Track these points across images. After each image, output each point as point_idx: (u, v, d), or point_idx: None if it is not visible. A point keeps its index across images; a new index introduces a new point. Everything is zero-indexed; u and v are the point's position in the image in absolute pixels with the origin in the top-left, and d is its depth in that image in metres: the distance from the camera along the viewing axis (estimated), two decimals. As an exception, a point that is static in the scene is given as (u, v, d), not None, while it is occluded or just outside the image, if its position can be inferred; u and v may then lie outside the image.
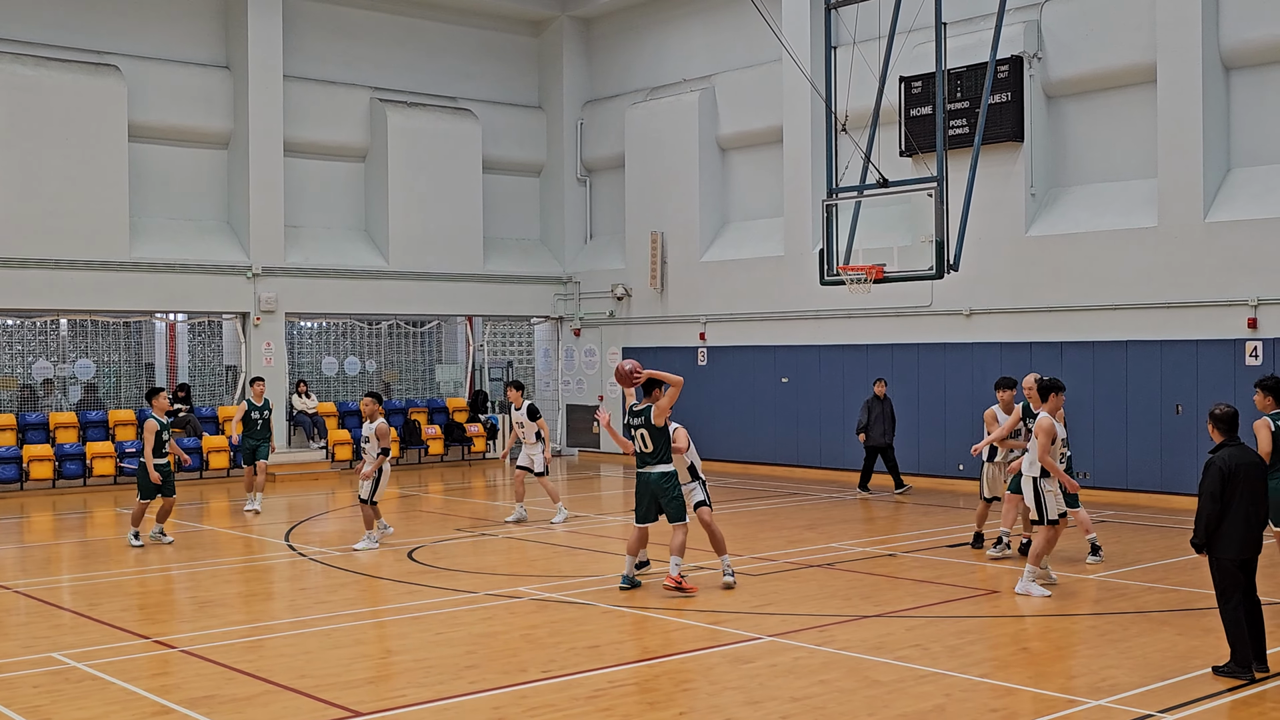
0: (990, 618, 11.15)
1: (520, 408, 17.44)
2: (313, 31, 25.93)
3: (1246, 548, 8.81)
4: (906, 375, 21.89)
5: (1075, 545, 14.40)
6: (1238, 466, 8.80)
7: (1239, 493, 8.78)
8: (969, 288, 20.57)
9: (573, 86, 28.67)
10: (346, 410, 25.84)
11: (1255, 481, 8.84)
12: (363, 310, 26.24)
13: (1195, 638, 10.16)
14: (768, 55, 24.28)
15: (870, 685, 8.89)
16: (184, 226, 24.37)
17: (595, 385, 27.93)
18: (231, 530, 17.64)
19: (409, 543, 15.62)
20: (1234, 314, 18.27)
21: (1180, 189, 18.79)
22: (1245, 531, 8.79)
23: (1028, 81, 20.31)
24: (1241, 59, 18.71)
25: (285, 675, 9.23)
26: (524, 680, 9.05)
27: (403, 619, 11.27)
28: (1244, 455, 8.88)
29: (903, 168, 20.50)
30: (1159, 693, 8.56)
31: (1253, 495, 8.82)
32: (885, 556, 14.41)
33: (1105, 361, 19.57)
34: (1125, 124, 19.96)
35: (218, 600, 12.28)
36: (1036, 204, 20.65)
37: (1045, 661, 9.65)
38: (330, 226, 26.17)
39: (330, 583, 13.26)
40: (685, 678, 9.11)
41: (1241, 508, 8.78)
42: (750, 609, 11.68)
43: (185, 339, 25.74)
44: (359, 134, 26.30)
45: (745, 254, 24.88)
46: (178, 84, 24.24)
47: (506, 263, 27.97)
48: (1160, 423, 18.97)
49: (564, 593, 12.32)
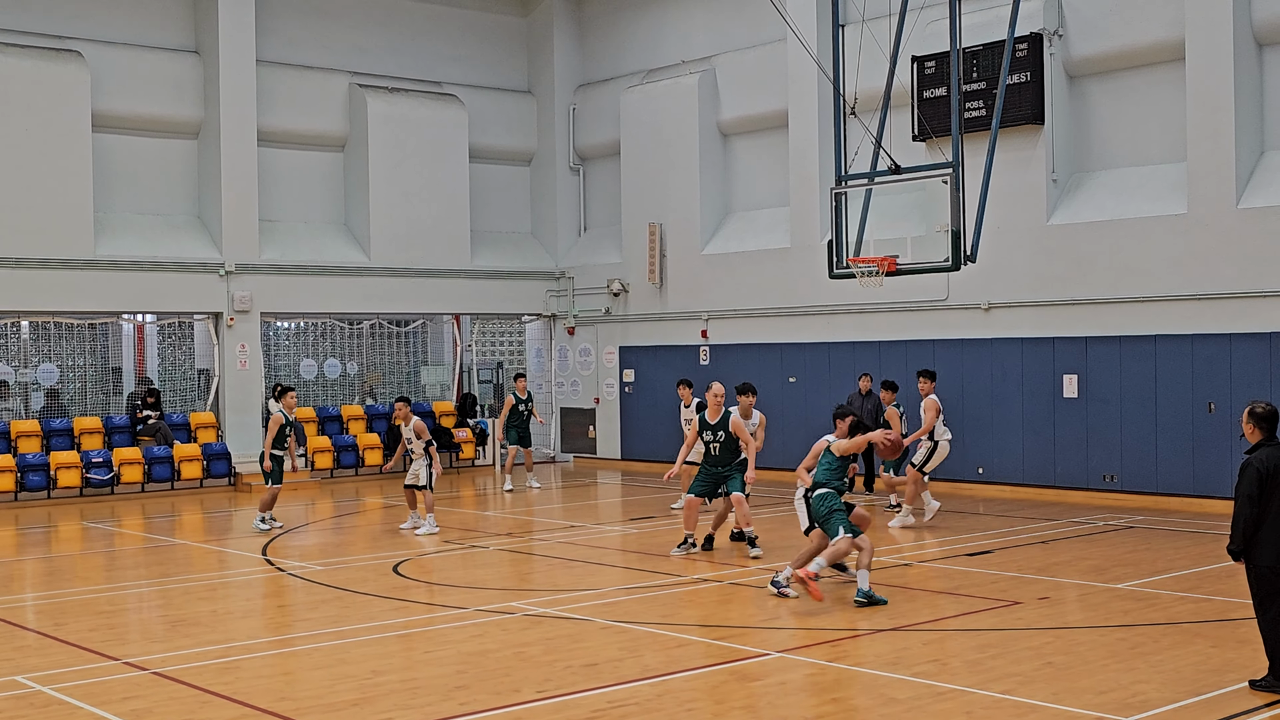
0: (1012, 630, 11.16)
1: (690, 404, 19.07)
2: (287, 13, 25.94)
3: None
4: (922, 373, 21.87)
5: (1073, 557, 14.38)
6: (1276, 468, 8.79)
7: (1278, 495, 8.78)
8: (987, 280, 20.57)
9: (564, 69, 28.68)
10: (327, 415, 25.84)
11: None
12: (343, 309, 26.24)
13: (1230, 650, 10.17)
14: (772, 34, 24.28)
15: (886, 703, 8.90)
16: (152, 222, 24.38)
17: (590, 387, 27.94)
18: (206, 544, 17.64)
19: (394, 556, 15.63)
20: (1270, 306, 18.28)
21: (1211, 173, 18.80)
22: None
23: (1048, 60, 20.32)
24: (1276, 34, 18.71)
25: (264, 698, 9.23)
26: (517, 701, 9.05)
27: (388, 637, 11.28)
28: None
29: (916, 153, 20.50)
30: (1192, 709, 8.57)
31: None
32: (900, 566, 14.41)
33: (1133, 357, 19.59)
34: (1152, 105, 19.97)
35: (191, 619, 12.29)
36: (1058, 190, 20.66)
37: (1071, 676, 9.65)
38: (308, 220, 26.18)
39: (311, 599, 13.27)
40: (689, 697, 9.11)
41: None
42: (757, 623, 11.68)
43: (154, 341, 25.74)
44: (337, 122, 26.30)
45: (749, 246, 24.89)
46: (144, 70, 24.23)
47: (495, 257, 27.97)
48: (1192, 422, 18.98)
49: (559, 608, 12.33)
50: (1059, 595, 12.70)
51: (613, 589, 13.44)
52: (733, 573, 14.15)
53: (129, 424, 23.75)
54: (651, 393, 26.56)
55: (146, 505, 21.75)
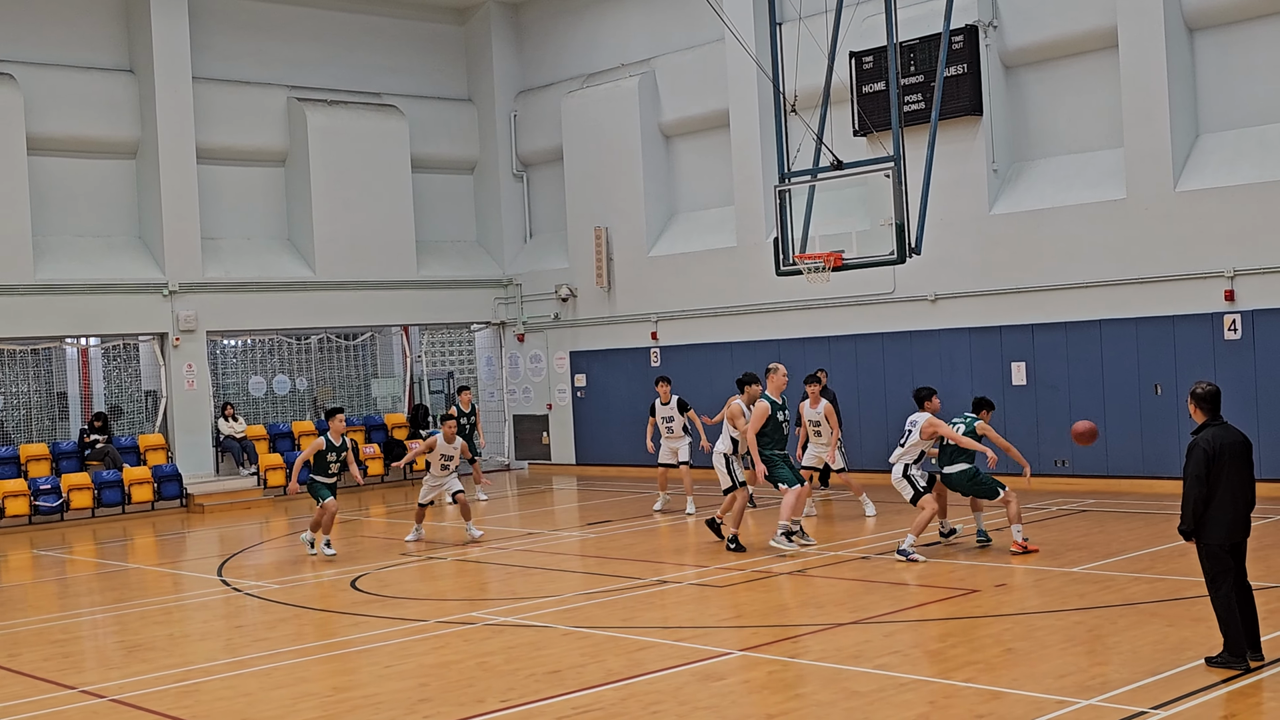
0: (972, 618, 11.23)
1: (668, 402, 19.25)
2: (221, 29, 25.72)
3: (1236, 531, 8.92)
4: (871, 366, 22.02)
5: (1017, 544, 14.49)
6: (1222, 447, 8.90)
7: (1225, 474, 8.88)
8: (933, 271, 20.71)
9: (504, 76, 28.62)
10: (278, 432, 25.64)
11: (1241, 461, 8.94)
12: (290, 325, 26.05)
13: (1186, 628, 10.29)
14: (709, 35, 24.34)
15: (850, 697, 8.93)
16: (92, 244, 24.10)
17: (542, 393, 27.89)
18: (160, 568, 17.46)
19: (352, 570, 15.53)
20: (1210, 287, 18.53)
21: (1148, 158, 19.03)
22: (1233, 515, 8.88)
23: (984, 52, 20.49)
24: (1205, 19, 18.97)
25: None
26: (482, 711, 9.01)
27: (349, 653, 11.20)
28: (1228, 434, 8.97)
29: (857, 148, 20.59)
30: (1151, 688, 8.65)
31: (1240, 476, 8.91)
32: (858, 560, 14.48)
33: (1079, 343, 19.78)
34: (1088, 92, 20.18)
35: (147, 643, 12.15)
36: (999, 180, 20.84)
37: (1031, 661, 9.73)
38: (251, 237, 25.97)
39: (268, 618, 13.16)
40: (654, 700, 9.11)
41: (1228, 490, 8.87)
42: (718, 622, 11.70)
43: (100, 364, 25.47)
44: (277, 136, 26.12)
45: (696, 246, 24.94)
46: (78, 91, 23.97)
47: (442, 267, 27.87)
48: (1139, 404, 19.20)
49: (520, 616, 12.30)
50: (1016, 582, 12.80)
51: (573, 594, 13.42)
52: (691, 573, 14.17)
53: (77, 449, 23.47)
54: (604, 396, 26.56)
55: (98, 530, 21.50)
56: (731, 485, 15.48)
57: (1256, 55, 18.63)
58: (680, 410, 19.37)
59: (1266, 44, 18.53)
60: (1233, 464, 8.90)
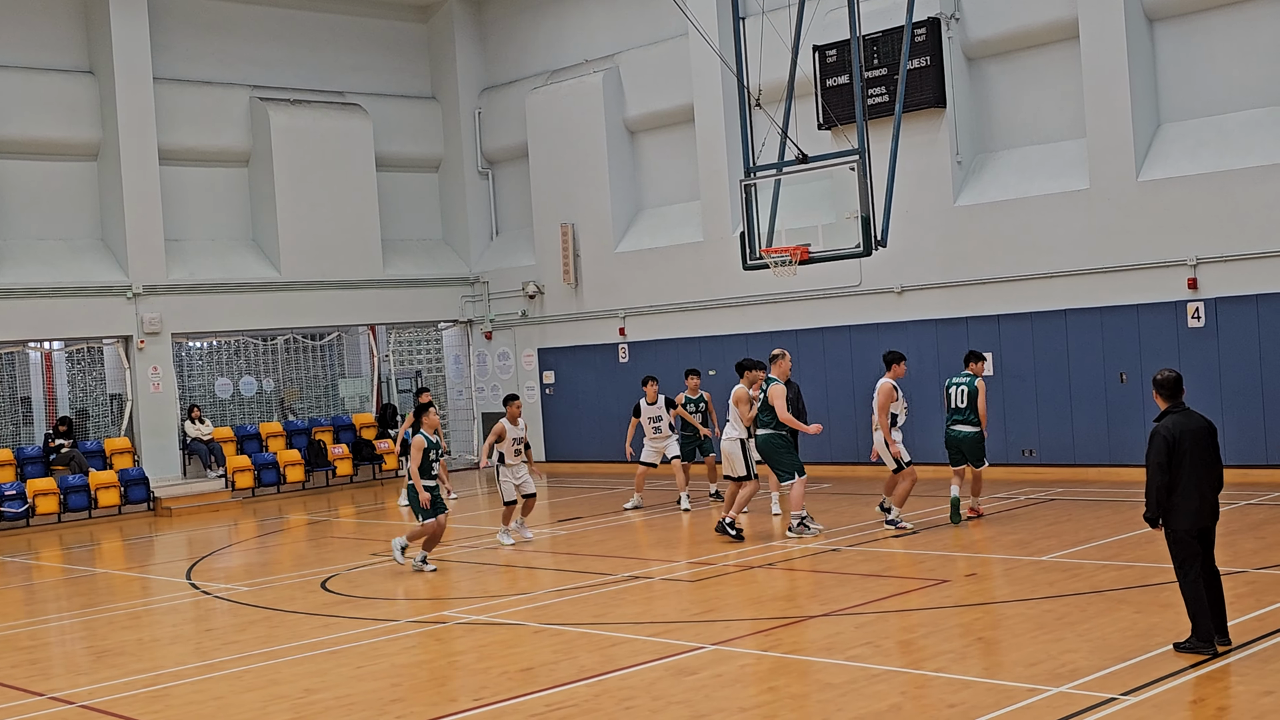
0: (942, 609, 11.28)
1: (655, 401, 19.12)
2: (182, 28, 25.54)
3: (1202, 517, 8.99)
4: (839, 359, 22.08)
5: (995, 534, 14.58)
6: (1183, 433, 8.96)
7: (1188, 461, 8.94)
8: (899, 264, 20.78)
9: (467, 74, 28.54)
10: (245, 434, 25.51)
11: (1205, 447, 9.01)
12: (256, 326, 25.92)
13: (1154, 614, 10.36)
14: (673, 30, 24.35)
15: (822, 689, 8.96)
16: (55, 247, 23.90)
17: (511, 390, 27.82)
18: (128, 572, 17.34)
19: (322, 572, 15.47)
20: (1173, 275, 18.66)
21: (1110, 148, 19.15)
22: (1199, 500, 8.96)
23: (946, 44, 20.57)
24: (1164, 9, 19.10)
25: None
26: (455, 710, 9.00)
27: (320, 654, 11.15)
28: (1190, 421, 9.03)
29: (822, 141, 20.65)
30: (1121, 674, 8.71)
31: (1204, 461, 8.98)
32: (829, 552, 14.52)
33: (1044, 333, 19.89)
34: (1050, 84, 20.29)
35: (116, 648, 12.07)
36: (964, 172, 20.93)
37: (1002, 650, 9.79)
38: (215, 238, 25.82)
39: (238, 621, 13.09)
40: (627, 695, 9.11)
41: (1193, 476, 8.94)
42: (690, 617, 11.71)
43: (64, 368, 25.26)
44: (240, 137, 25.97)
45: (662, 242, 24.95)
46: (37, 93, 23.75)
47: (408, 266, 27.78)
48: (1105, 393, 19.33)
49: (491, 614, 12.28)
50: (985, 571, 12.87)
51: (544, 592, 13.42)
52: (662, 569, 14.17)
53: (42, 454, 23.28)
54: (572, 393, 26.54)
55: (64, 536, 21.34)
56: (745, 474, 15.58)
57: (1216, 45, 18.78)
58: (667, 408, 19.21)
59: (1225, 34, 18.68)
60: (1196, 450, 8.96)
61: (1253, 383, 18.01)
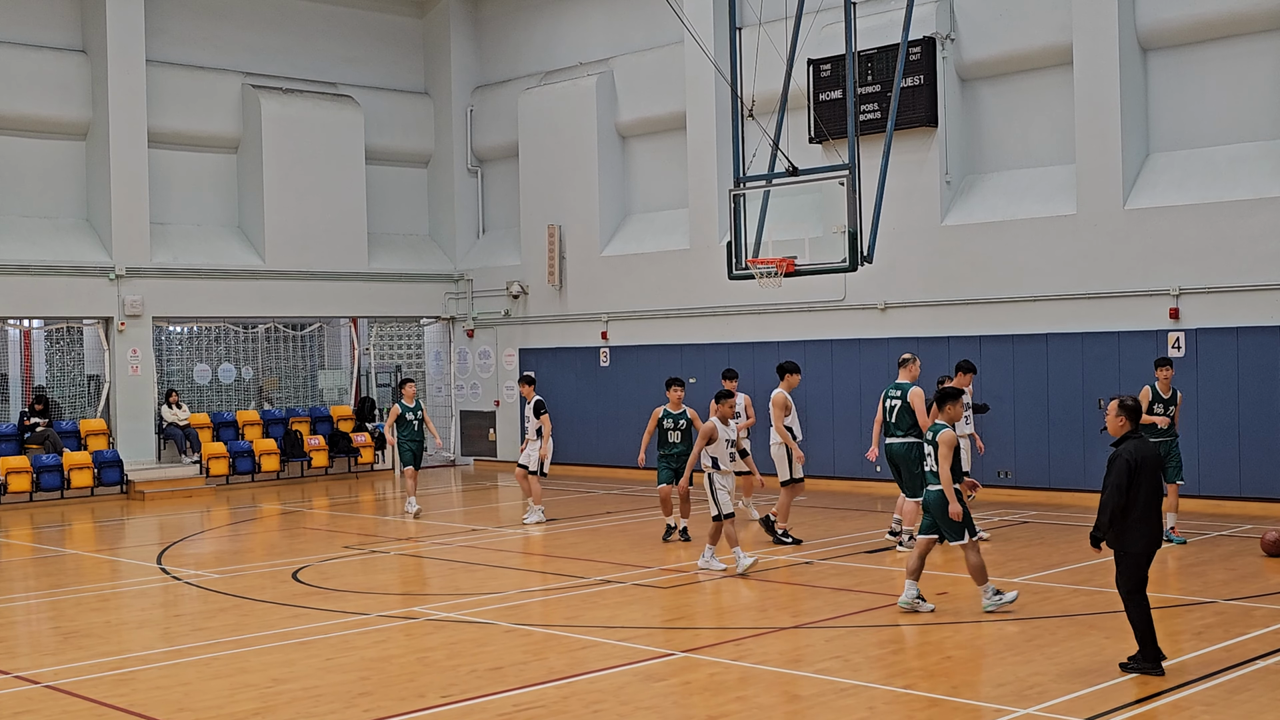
0: (913, 626, 11.31)
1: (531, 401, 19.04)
2: (178, 12, 25.48)
3: (1153, 542, 9.43)
4: (820, 373, 22.12)
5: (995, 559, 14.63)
6: (1143, 459, 9.39)
7: (1144, 485, 9.35)
8: (883, 280, 20.84)
9: (461, 71, 28.53)
10: (221, 421, 25.44)
11: (1154, 474, 9.45)
12: (238, 313, 25.85)
13: (1123, 640, 10.39)
14: (669, 37, 24.38)
15: (790, 700, 8.98)
16: (39, 225, 23.80)
17: (490, 389, 27.82)
18: (98, 554, 17.27)
19: (293, 563, 15.43)
20: (1155, 304, 18.75)
21: (1099, 175, 19.24)
22: (1153, 525, 9.39)
23: (940, 64, 20.64)
24: (1159, 40, 19.20)
25: (161, 709, 9.07)
26: (422, 706, 8.99)
27: (289, 644, 11.13)
28: (1146, 448, 9.49)
29: (813, 155, 20.72)
30: (1088, 699, 8.76)
31: (1154, 488, 9.42)
32: (801, 564, 14.55)
33: (1025, 356, 19.97)
34: (1042, 108, 20.38)
35: (84, 630, 12.02)
36: (952, 192, 21.00)
37: (970, 670, 9.83)
38: (200, 223, 25.74)
39: (208, 608, 13.05)
40: (595, 699, 9.12)
41: (1147, 500, 9.36)
42: (661, 624, 11.72)
43: (42, 347, 25.14)
44: (230, 123, 25.90)
45: (648, 248, 24.96)
46: (29, 70, 23.64)
47: (393, 260, 27.75)
48: (1082, 418, 19.39)
49: (462, 611, 12.27)
50: (957, 590, 12.90)
51: (516, 592, 13.41)
52: (635, 574, 14.18)
53: (16, 432, 23.17)
54: (552, 395, 26.45)
55: (35, 515, 21.24)
56: (789, 477, 15.93)
57: (1208, 77, 18.89)
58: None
59: (1218, 67, 18.79)
60: (1150, 475, 9.40)
61: (1229, 415, 18.11)
